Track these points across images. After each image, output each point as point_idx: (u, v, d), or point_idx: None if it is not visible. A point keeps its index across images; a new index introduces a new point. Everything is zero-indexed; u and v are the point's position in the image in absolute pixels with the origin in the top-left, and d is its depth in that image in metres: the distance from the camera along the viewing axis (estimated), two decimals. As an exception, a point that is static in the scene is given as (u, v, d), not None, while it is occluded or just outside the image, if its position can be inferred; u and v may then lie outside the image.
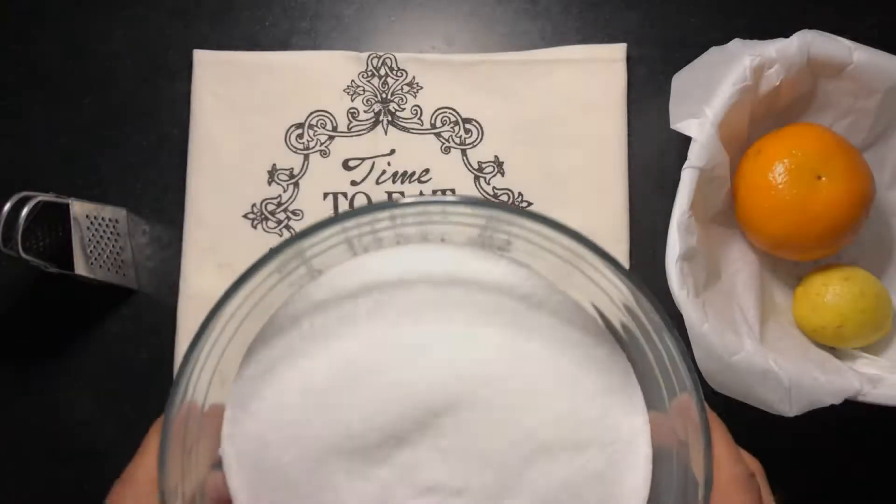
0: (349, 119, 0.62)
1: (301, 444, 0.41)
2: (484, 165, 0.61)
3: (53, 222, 0.54)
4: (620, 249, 0.59)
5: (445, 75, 0.60)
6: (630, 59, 0.62)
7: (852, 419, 0.52)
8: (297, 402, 0.41)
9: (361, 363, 0.41)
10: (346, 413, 0.41)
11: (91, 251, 0.55)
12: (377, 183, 0.61)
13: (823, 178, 0.53)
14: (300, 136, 0.61)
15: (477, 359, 0.41)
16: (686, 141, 0.52)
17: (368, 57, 0.60)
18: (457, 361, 0.41)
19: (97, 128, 0.62)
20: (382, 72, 0.60)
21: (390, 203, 0.37)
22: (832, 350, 0.57)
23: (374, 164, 0.61)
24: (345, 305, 0.42)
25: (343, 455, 0.38)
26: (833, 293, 0.55)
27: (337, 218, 0.36)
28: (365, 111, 0.62)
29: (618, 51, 0.62)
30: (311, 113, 0.62)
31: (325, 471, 0.40)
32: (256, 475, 0.41)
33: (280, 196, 0.60)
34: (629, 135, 0.61)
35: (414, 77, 0.61)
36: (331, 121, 0.61)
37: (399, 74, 0.61)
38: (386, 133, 0.61)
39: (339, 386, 0.41)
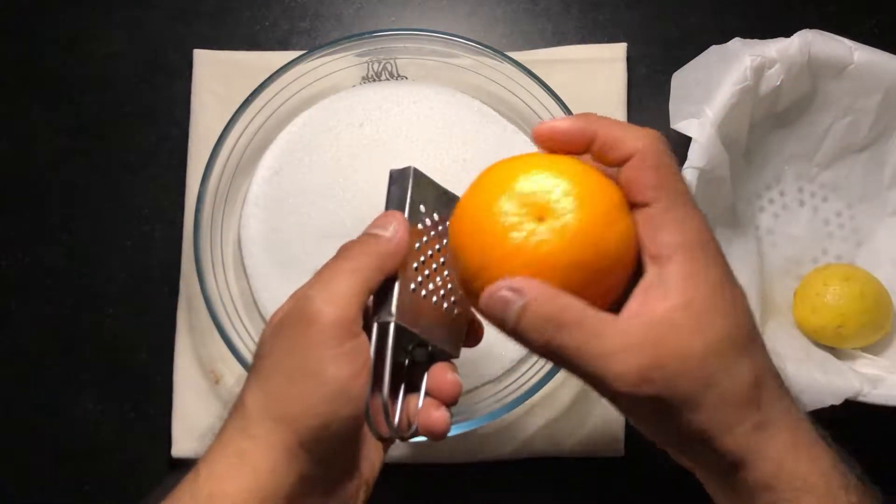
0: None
1: (303, 230, 0.56)
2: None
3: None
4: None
5: (446, 78, 0.60)
6: (630, 59, 0.62)
7: (852, 419, 0.52)
8: (300, 199, 0.57)
9: (347, 169, 0.57)
10: (335, 206, 0.56)
11: None
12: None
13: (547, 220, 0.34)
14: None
15: (431, 166, 0.51)
16: (686, 141, 0.52)
17: (369, 62, 0.60)
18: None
19: (97, 128, 0.62)
20: (384, 77, 0.60)
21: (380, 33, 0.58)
22: (832, 350, 0.57)
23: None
24: (335, 125, 0.58)
25: (335, 239, 0.45)
26: (833, 293, 0.55)
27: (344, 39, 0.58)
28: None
29: (618, 50, 0.62)
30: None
31: (322, 250, 0.49)
32: (268, 254, 0.57)
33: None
34: (629, 135, 0.61)
35: (414, 82, 0.61)
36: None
37: (400, 81, 0.61)
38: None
39: (332, 186, 0.56)
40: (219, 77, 0.61)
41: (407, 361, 0.40)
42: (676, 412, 0.31)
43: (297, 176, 0.58)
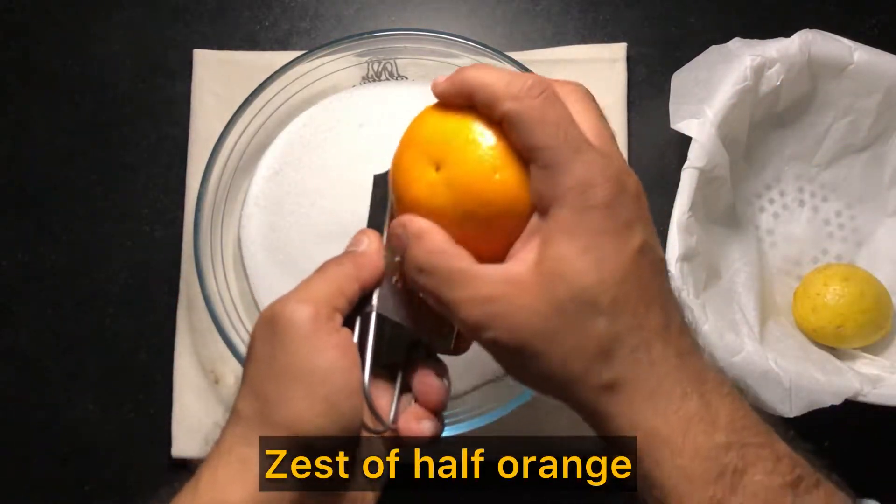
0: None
1: (303, 230, 0.56)
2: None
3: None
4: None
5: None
6: (630, 59, 0.62)
7: (852, 419, 0.52)
8: (300, 199, 0.57)
9: (347, 168, 0.57)
10: (335, 206, 0.56)
11: None
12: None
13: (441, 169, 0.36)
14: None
15: None
16: (686, 141, 0.52)
17: (369, 62, 0.60)
18: None
19: (97, 128, 0.62)
20: (384, 77, 0.60)
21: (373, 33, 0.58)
22: (832, 350, 0.57)
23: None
24: (335, 125, 0.58)
25: (333, 238, 0.45)
26: (833, 293, 0.55)
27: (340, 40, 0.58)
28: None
29: (618, 50, 0.62)
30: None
31: (319, 249, 0.49)
32: (268, 254, 0.57)
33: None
34: (629, 135, 0.61)
35: (414, 83, 0.61)
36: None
37: (400, 81, 0.61)
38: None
39: (331, 187, 0.57)
40: (219, 77, 0.62)
41: (405, 360, 0.40)
42: (525, 358, 0.33)
43: (297, 176, 0.58)
